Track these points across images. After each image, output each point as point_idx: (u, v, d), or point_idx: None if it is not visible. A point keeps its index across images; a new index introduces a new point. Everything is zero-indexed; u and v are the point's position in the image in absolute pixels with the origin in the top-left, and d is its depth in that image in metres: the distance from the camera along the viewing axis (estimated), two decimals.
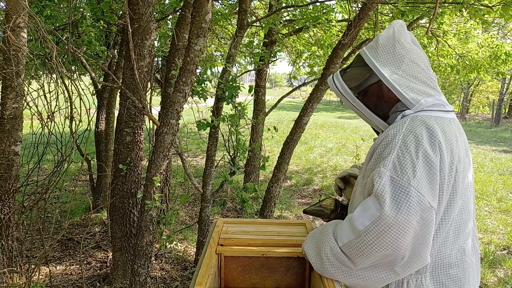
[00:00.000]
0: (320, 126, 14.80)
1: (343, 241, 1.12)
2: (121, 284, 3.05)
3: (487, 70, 6.25)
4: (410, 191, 1.02)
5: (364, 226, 1.05)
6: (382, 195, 1.04)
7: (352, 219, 1.10)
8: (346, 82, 1.25)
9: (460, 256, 1.15)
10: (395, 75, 1.19)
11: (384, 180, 1.05)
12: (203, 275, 1.19)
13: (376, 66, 1.21)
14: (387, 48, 1.22)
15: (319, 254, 1.19)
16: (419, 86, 1.19)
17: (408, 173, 1.03)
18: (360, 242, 1.06)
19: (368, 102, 1.24)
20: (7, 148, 2.62)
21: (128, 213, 3.00)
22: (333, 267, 1.16)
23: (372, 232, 1.04)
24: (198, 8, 2.14)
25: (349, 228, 1.11)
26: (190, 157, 8.22)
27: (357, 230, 1.07)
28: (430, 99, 1.18)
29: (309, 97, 3.81)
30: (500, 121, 20.21)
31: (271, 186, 4.02)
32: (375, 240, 1.04)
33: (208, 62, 2.87)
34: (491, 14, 3.36)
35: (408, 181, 1.02)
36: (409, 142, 1.08)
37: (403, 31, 1.26)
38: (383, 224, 1.02)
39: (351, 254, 1.10)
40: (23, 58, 2.56)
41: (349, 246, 1.10)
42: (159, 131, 2.29)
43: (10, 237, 2.69)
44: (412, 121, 1.13)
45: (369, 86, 1.24)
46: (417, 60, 1.22)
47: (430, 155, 1.05)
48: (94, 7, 3.70)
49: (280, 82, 61.05)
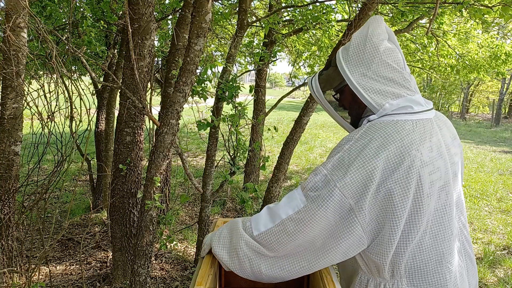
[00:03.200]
0: (320, 126, 14.80)
1: (260, 230, 1.15)
2: (121, 284, 3.05)
3: (487, 70, 6.25)
4: (334, 191, 1.04)
5: (287, 215, 1.10)
6: (309, 189, 1.08)
7: (276, 208, 1.13)
8: (320, 84, 1.24)
9: (440, 261, 1.11)
10: (363, 78, 1.14)
11: (318, 177, 1.08)
12: (203, 275, 1.19)
13: (343, 69, 1.17)
14: (358, 48, 1.17)
15: (236, 254, 1.19)
16: (388, 87, 1.13)
17: (339, 174, 1.05)
18: (280, 229, 1.11)
19: (340, 105, 1.24)
20: (7, 148, 2.62)
21: (128, 213, 3.00)
22: (251, 262, 1.17)
23: (294, 222, 1.08)
24: (198, 8, 2.14)
25: (268, 217, 1.15)
26: (190, 157, 8.22)
27: (278, 218, 1.11)
28: (396, 102, 1.12)
29: (309, 97, 3.81)
30: (500, 121, 20.21)
31: (271, 186, 4.02)
32: (295, 229, 1.08)
33: (208, 62, 2.87)
34: (491, 14, 3.36)
35: (335, 182, 1.04)
36: (354, 147, 1.07)
37: (378, 27, 1.19)
38: (305, 216, 1.06)
39: (268, 241, 1.13)
40: (23, 58, 2.56)
41: (267, 234, 1.13)
42: (159, 131, 2.29)
43: (10, 237, 2.69)
44: (369, 128, 1.10)
45: (342, 89, 1.21)
46: (389, 59, 1.15)
47: (369, 162, 1.02)
48: (94, 7, 3.70)
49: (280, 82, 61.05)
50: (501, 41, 6.34)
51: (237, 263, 1.20)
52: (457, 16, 5.25)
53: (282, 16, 5.53)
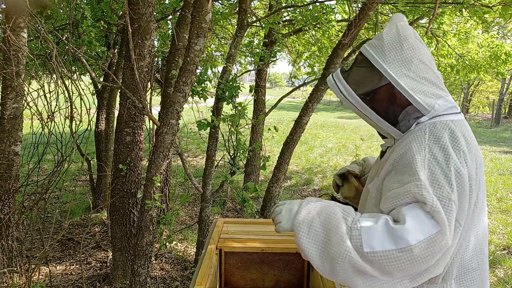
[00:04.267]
0: (320, 126, 14.80)
1: (374, 248, 0.98)
2: (121, 284, 3.05)
3: (487, 70, 6.25)
4: (451, 206, 0.98)
5: (418, 241, 0.96)
6: (439, 211, 0.97)
7: (403, 230, 0.97)
8: (351, 86, 1.15)
9: (481, 258, 1.14)
10: (406, 78, 1.11)
11: (433, 195, 0.98)
12: (203, 275, 1.19)
13: (385, 69, 1.12)
14: (395, 48, 1.13)
15: (330, 263, 1.03)
16: (429, 88, 1.12)
17: (446, 189, 0.99)
18: (407, 256, 0.97)
19: (377, 107, 1.15)
20: (7, 148, 2.62)
21: (128, 213, 3.00)
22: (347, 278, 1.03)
23: (427, 249, 0.96)
24: (198, 8, 2.14)
25: (388, 237, 0.99)
26: (190, 157, 8.22)
27: (405, 242, 0.97)
28: (442, 102, 1.12)
29: (309, 97, 3.81)
30: (500, 121, 20.20)
31: (271, 186, 4.02)
32: (428, 257, 0.97)
33: (208, 62, 2.87)
34: (491, 14, 3.36)
35: (449, 196, 0.98)
36: (437, 154, 1.03)
37: (407, 27, 1.17)
38: (442, 242, 0.96)
39: (383, 264, 0.98)
40: (23, 58, 2.56)
41: (384, 256, 0.98)
42: (159, 131, 2.29)
43: (10, 237, 2.69)
44: (433, 130, 1.08)
45: (377, 90, 1.14)
46: (425, 59, 1.14)
47: (459, 167, 1.02)
48: (94, 7, 3.70)
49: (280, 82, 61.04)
50: (501, 41, 6.34)
51: (329, 271, 1.04)
52: (457, 16, 5.25)
53: (282, 16, 5.53)
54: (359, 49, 1.28)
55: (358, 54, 1.21)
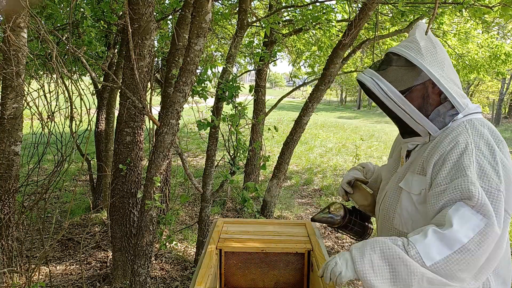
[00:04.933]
0: (320, 126, 14.80)
1: (434, 259, 1.03)
2: (121, 284, 3.06)
3: (487, 70, 6.25)
4: (500, 196, 1.04)
5: (469, 238, 1.01)
6: (484, 204, 1.02)
7: (452, 233, 1.02)
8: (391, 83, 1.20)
9: (507, 247, 1.19)
10: (442, 78, 1.19)
11: (479, 190, 1.03)
12: (203, 275, 1.19)
13: (426, 68, 1.19)
14: (430, 51, 1.22)
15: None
16: (457, 88, 1.21)
17: (495, 180, 1.05)
18: (465, 256, 1.01)
19: (413, 103, 1.20)
20: (7, 148, 2.62)
21: (128, 213, 3.00)
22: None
23: (481, 243, 1.01)
24: (198, 8, 2.14)
25: (441, 243, 1.03)
26: (190, 157, 8.22)
27: (458, 243, 1.02)
28: (469, 102, 1.21)
29: (309, 97, 3.81)
30: (500, 121, 20.20)
31: (271, 186, 4.02)
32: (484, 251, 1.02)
33: (208, 62, 2.87)
34: (491, 14, 3.36)
35: (498, 187, 1.04)
36: (483, 148, 1.10)
37: (430, 33, 1.28)
38: (493, 233, 1.01)
39: (448, 270, 1.02)
40: (23, 58, 2.56)
41: (445, 262, 1.02)
42: (159, 131, 2.29)
43: (10, 237, 2.69)
44: (474, 126, 1.15)
45: (415, 87, 1.20)
46: (450, 63, 1.25)
47: (504, 159, 1.10)
48: (94, 7, 3.70)
49: (280, 82, 61.06)
50: (501, 41, 6.34)
51: None
52: (457, 16, 5.25)
53: (282, 16, 5.53)
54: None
55: (390, 55, 1.26)
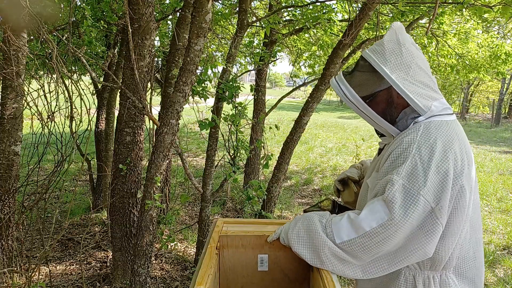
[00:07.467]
0: (320, 126, 14.80)
1: (342, 238, 1.18)
2: (121, 284, 3.06)
3: (487, 70, 6.25)
4: (419, 199, 1.08)
5: (371, 228, 1.12)
6: (392, 201, 1.10)
7: (358, 220, 1.15)
8: (354, 89, 1.24)
9: (476, 248, 1.25)
10: (405, 82, 1.21)
11: (395, 187, 1.11)
12: (203, 275, 1.19)
13: (387, 74, 1.21)
14: (395, 53, 1.22)
15: (318, 257, 1.23)
16: (426, 91, 1.22)
17: (419, 182, 1.09)
18: (366, 241, 1.14)
19: (377, 108, 1.25)
20: (7, 148, 2.62)
21: (128, 213, 3.00)
22: (333, 265, 1.23)
23: (380, 235, 1.11)
24: (198, 8, 2.14)
25: (350, 227, 1.17)
26: (190, 157, 8.22)
27: (362, 230, 1.14)
28: (437, 104, 1.22)
29: (309, 97, 3.81)
30: (500, 121, 20.20)
31: (271, 186, 4.02)
32: (382, 241, 1.12)
33: (209, 62, 2.87)
34: (491, 14, 3.36)
35: (418, 190, 1.09)
36: (423, 151, 1.13)
37: (404, 34, 1.27)
38: (391, 228, 1.10)
39: (352, 250, 1.17)
40: (23, 58, 2.56)
41: (350, 243, 1.16)
42: (159, 131, 2.29)
43: (10, 237, 2.69)
44: (427, 129, 1.18)
45: (378, 92, 1.24)
46: (421, 64, 1.25)
47: (442, 164, 1.11)
48: (94, 7, 3.70)
49: (280, 82, 61.07)
50: (501, 41, 6.34)
51: (319, 263, 1.24)
52: (457, 16, 5.25)
53: (282, 16, 5.53)
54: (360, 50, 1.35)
55: (360, 59, 1.31)
